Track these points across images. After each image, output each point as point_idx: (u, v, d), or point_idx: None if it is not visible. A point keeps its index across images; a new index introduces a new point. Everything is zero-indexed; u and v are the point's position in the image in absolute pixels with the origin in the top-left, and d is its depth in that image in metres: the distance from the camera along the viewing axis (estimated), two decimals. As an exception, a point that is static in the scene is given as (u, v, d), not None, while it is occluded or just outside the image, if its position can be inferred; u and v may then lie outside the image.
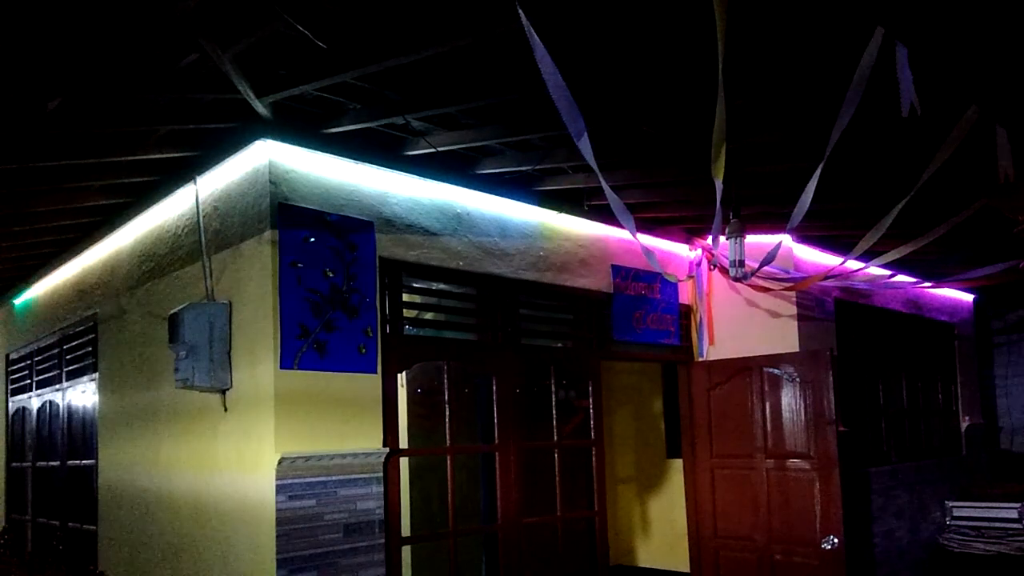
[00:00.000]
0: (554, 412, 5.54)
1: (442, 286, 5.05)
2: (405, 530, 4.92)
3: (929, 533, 8.01)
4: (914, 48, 2.63)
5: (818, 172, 3.23)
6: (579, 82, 2.69)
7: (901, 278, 6.90)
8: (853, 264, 5.29)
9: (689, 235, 6.49)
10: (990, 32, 3.04)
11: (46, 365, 7.11)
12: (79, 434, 6.48)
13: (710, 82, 2.69)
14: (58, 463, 6.84)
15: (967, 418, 9.07)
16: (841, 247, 6.26)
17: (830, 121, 2.99)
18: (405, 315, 4.74)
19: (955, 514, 8.17)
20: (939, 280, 6.75)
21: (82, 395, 6.40)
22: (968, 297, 9.34)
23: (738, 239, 5.01)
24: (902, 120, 2.89)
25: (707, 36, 2.50)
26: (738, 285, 6.10)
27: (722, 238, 5.27)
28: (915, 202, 3.82)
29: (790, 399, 6.07)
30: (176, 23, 2.97)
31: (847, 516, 5.78)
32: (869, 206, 5.00)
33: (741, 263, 5.00)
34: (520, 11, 2.12)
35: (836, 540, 5.66)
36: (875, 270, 5.91)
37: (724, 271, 5.63)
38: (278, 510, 3.91)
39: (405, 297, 4.73)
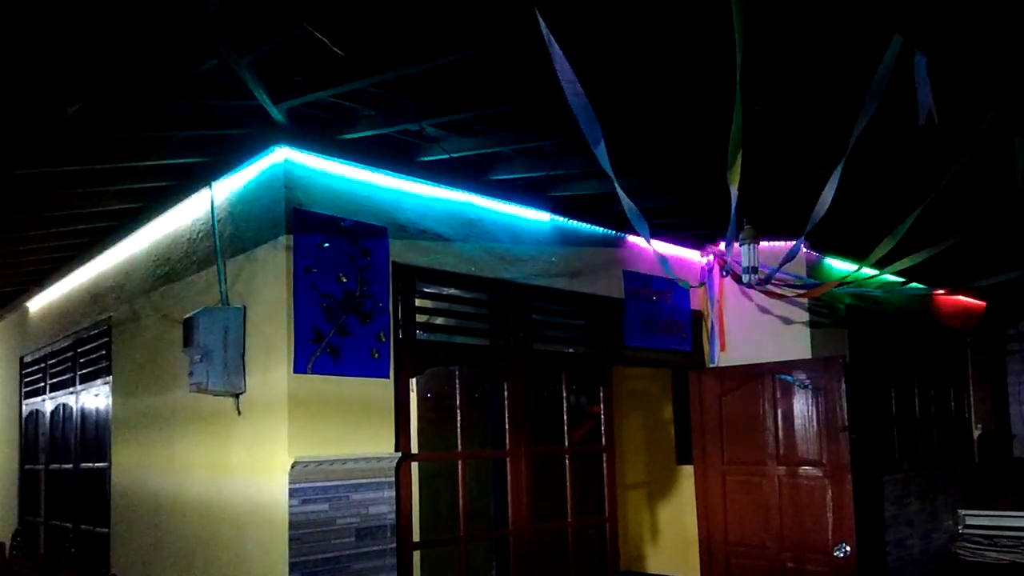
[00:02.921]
0: (565, 418, 5.53)
1: (454, 291, 5.06)
2: (415, 535, 4.93)
3: (942, 542, 7.95)
4: (933, 56, 2.62)
5: (836, 176, 3.22)
6: (594, 89, 2.70)
7: (915, 285, 6.88)
8: (867, 271, 5.27)
9: (701, 241, 6.48)
10: (1009, 38, 3.03)
11: (60, 368, 7.15)
12: (92, 437, 6.51)
13: (725, 88, 2.70)
14: (71, 466, 6.87)
15: (980, 426, 9.01)
16: (855, 254, 6.24)
17: (846, 128, 2.99)
18: (417, 320, 4.75)
19: (968, 523, 8.12)
20: (953, 287, 6.72)
21: (95, 398, 6.44)
22: (982, 304, 9.28)
23: (752, 245, 5.00)
24: (918, 127, 2.88)
25: (723, 42, 2.50)
26: (750, 291, 6.09)
27: (736, 244, 5.26)
28: (931, 209, 3.81)
29: (802, 406, 6.04)
30: (195, 29, 2.99)
31: (859, 524, 5.75)
32: (883, 213, 4.98)
33: (755, 269, 4.99)
34: (539, 18, 2.13)
35: (848, 548, 5.63)
36: (889, 277, 5.89)
37: (736, 277, 5.61)
38: (291, 514, 3.92)
39: (417, 302, 4.75)
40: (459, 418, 4.92)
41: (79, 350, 6.74)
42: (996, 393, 9.60)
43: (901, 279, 6.53)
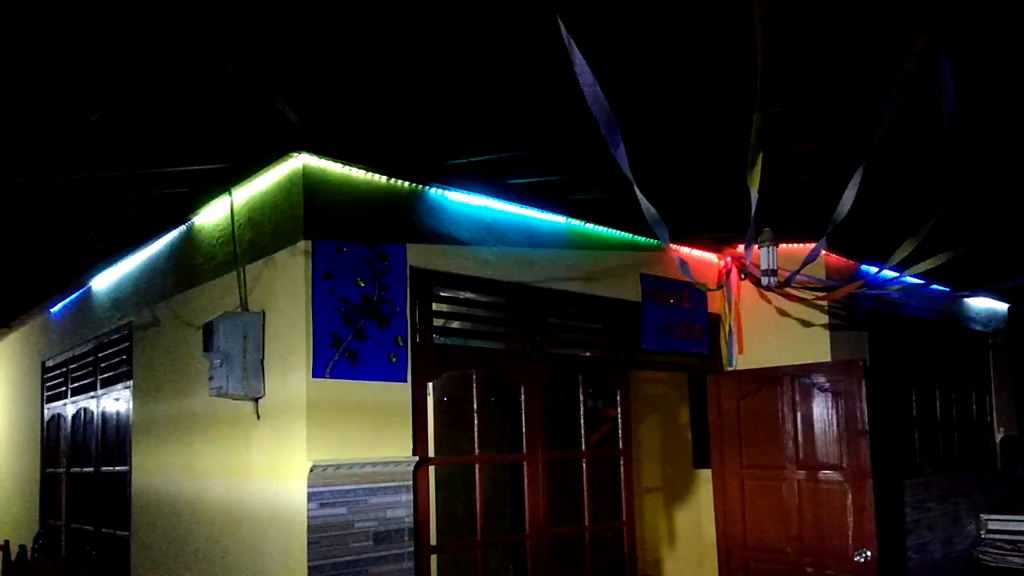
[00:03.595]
0: (582, 421, 5.52)
1: (471, 295, 5.07)
2: (433, 538, 4.92)
3: (963, 547, 7.85)
4: (957, 57, 2.59)
5: (858, 178, 3.19)
6: (613, 91, 2.69)
7: (936, 287, 6.80)
8: (887, 273, 5.22)
9: (718, 244, 6.45)
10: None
11: (81, 372, 7.22)
12: (113, 441, 6.56)
13: (745, 89, 2.68)
14: (92, 469, 6.93)
15: (1002, 429, 8.90)
16: (875, 256, 6.18)
17: (867, 129, 2.96)
18: (435, 324, 4.75)
19: (990, 527, 8.02)
20: (974, 289, 6.64)
21: (116, 402, 6.49)
22: (1003, 306, 9.18)
23: (771, 248, 4.97)
24: (940, 128, 2.85)
25: (743, 43, 2.49)
26: (768, 294, 6.05)
27: (755, 247, 5.23)
28: (954, 210, 3.77)
29: (822, 409, 5.99)
30: (213, 35, 3.01)
31: (880, 529, 5.68)
32: (905, 214, 4.93)
33: (774, 272, 4.96)
34: (560, 23, 2.13)
35: (869, 553, 5.57)
36: (910, 279, 5.83)
37: (754, 280, 5.58)
38: (310, 518, 3.94)
39: (435, 306, 4.75)
40: (476, 422, 4.92)
41: (100, 355, 6.80)
42: (1019, 396, 9.47)
43: (922, 281, 6.46)
